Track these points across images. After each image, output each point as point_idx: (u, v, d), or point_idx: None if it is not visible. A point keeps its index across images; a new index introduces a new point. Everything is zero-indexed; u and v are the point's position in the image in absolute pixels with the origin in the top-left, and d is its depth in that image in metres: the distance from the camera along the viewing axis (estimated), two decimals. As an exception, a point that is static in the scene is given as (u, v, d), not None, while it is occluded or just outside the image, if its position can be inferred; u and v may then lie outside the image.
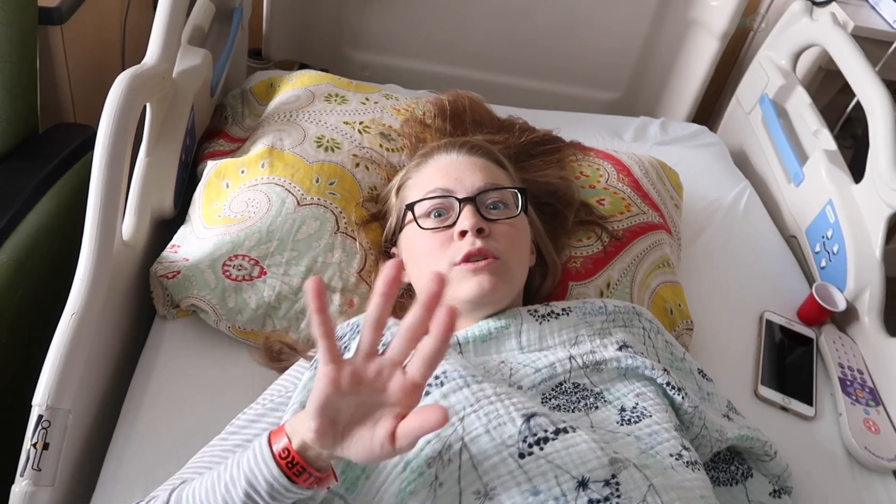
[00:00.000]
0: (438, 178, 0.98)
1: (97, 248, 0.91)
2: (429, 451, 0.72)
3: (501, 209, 0.95)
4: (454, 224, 0.92)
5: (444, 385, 0.77)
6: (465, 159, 1.00)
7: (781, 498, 0.92)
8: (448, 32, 1.90)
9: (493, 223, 0.93)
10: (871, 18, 1.74)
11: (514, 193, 0.98)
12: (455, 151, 1.02)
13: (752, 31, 2.02)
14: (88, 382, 0.91)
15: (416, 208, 0.96)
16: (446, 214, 0.95)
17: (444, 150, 1.03)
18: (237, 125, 1.37)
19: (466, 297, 0.89)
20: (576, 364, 0.84)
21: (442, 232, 0.93)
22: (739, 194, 1.55)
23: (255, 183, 1.10)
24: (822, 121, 1.53)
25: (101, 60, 1.58)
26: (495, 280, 0.89)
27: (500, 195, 0.96)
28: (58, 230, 1.13)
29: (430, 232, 0.94)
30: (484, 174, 0.97)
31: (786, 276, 1.41)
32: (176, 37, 1.10)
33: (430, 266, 0.93)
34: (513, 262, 0.93)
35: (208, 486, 0.68)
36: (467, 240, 0.90)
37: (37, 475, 0.81)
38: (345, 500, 0.75)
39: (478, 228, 0.90)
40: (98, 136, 0.91)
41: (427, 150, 1.06)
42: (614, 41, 1.93)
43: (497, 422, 0.73)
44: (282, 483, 0.64)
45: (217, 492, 0.67)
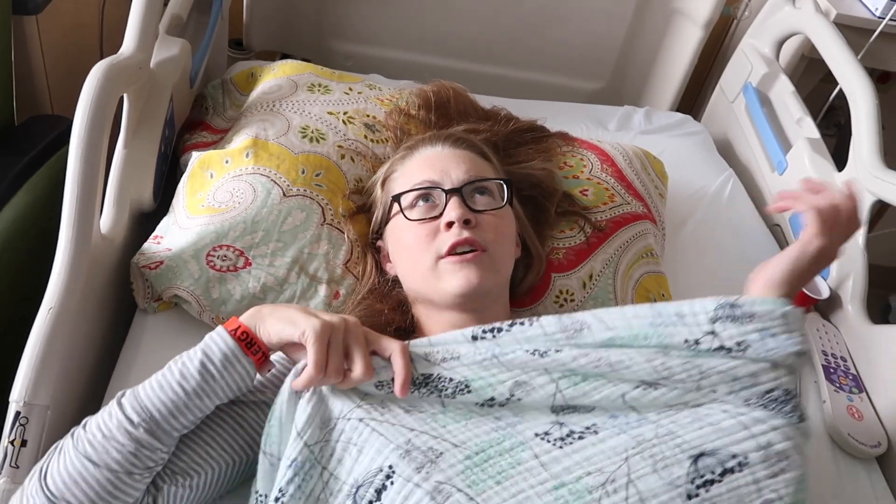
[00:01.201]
0: (424, 170, 0.97)
1: (74, 241, 0.89)
2: (590, 481, 0.68)
3: (488, 200, 0.95)
4: (440, 215, 0.92)
5: (598, 433, 0.72)
6: (451, 152, 1.00)
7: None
8: (431, 23, 1.89)
9: (480, 214, 0.93)
10: (853, 7, 1.74)
11: (500, 185, 0.98)
12: (440, 144, 1.02)
13: (735, 19, 2.02)
14: (67, 378, 0.89)
15: (403, 199, 0.96)
16: (432, 205, 0.94)
17: (429, 143, 1.03)
18: (219, 116, 1.35)
19: (453, 290, 0.88)
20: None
21: (428, 223, 0.93)
22: (724, 183, 1.56)
23: (239, 173, 1.09)
24: (805, 109, 1.54)
25: (78, 51, 1.56)
26: (482, 273, 0.88)
27: (486, 186, 0.96)
28: (34, 224, 1.12)
29: (417, 223, 0.93)
30: (470, 166, 0.97)
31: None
32: (153, 26, 1.09)
33: (417, 258, 0.92)
34: (499, 253, 0.92)
35: (160, 379, 0.75)
36: (454, 230, 0.90)
37: (14, 472, 0.80)
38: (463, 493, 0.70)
39: (464, 219, 0.90)
40: (73, 127, 0.89)
41: (412, 142, 1.06)
42: (598, 30, 1.93)
43: (663, 463, 0.69)
44: (234, 351, 0.74)
45: (171, 379, 0.74)
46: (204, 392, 0.74)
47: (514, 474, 0.68)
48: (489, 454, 0.70)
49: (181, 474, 0.77)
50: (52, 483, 0.71)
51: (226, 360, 0.75)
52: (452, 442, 0.71)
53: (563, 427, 0.72)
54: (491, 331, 0.80)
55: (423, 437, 0.72)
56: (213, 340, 0.76)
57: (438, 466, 0.69)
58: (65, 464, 0.72)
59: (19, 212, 1.09)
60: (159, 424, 0.73)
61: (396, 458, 0.70)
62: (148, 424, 0.72)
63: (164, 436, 0.73)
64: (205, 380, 0.74)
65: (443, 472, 0.68)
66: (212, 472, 0.79)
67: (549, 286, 1.08)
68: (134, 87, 1.04)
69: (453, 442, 0.71)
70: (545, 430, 0.72)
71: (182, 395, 0.74)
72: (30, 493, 0.72)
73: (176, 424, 0.74)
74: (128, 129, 1.07)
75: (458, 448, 0.70)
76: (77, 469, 0.71)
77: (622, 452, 0.69)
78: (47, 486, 0.71)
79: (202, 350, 0.75)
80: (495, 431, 0.72)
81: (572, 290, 1.08)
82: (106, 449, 0.72)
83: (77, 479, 0.71)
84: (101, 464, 0.71)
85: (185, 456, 0.78)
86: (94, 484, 0.71)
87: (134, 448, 0.72)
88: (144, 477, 0.73)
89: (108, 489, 0.71)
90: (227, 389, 0.76)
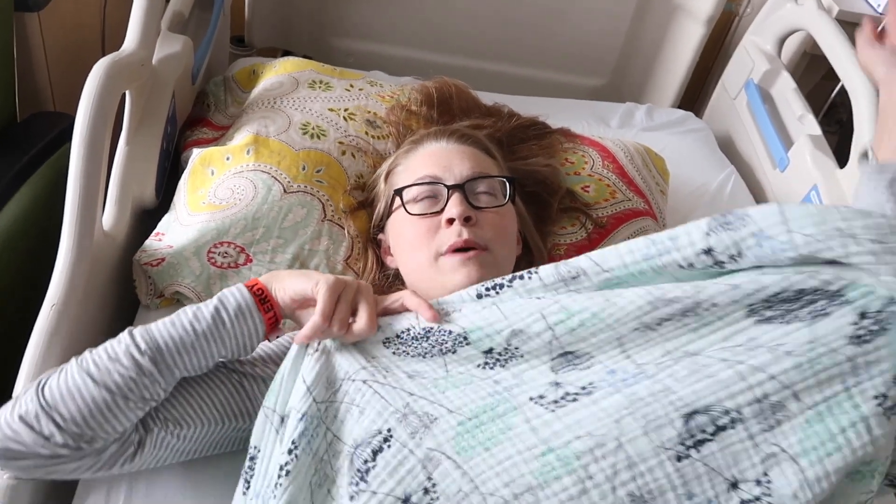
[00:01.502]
0: (428, 165, 0.98)
1: (77, 238, 0.90)
2: (579, 446, 0.67)
3: (490, 198, 0.96)
4: (442, 211, 0.92)
5: (592, 394, 0.70)
6: (455, 147, 1.00)
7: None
8: (432, 19, 1.89)
9: (481, 211, 0.93)
10: (855, 3, 1.74)
11: (503, 182, 0.98)
12: (445, 139, 1.02)
13: (737, 15, 2.02)
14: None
15: (405, 194, 0.96)
16: (434, 201, 0.94)
17: (433, 138, 1.03)
18: (220, 113, 1.35)
19: (454, 287, 0.88)
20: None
21: (430, 218, 0.93)
22: (725, 180, 1.56)
23: (240, 170, 1.09)
24: (806, 106, 1.54)
25: (80, 47, 1.56)
26: (483, 271, 0.89)
27: (488, 184, 0.97)
28: (37, 220, 1.12)
29: (418, 218, 0.94)
30: (473, 162, 0.98)
31: (771, 262, 1.41)
32: (155, 23, 1.09)
33: (417, 253, 0.93)
34: (499, 251, 0.93)
35: (173, 318, 0.77)
36: (454, 229, 0.90)
37: (18, 468, 0.80)
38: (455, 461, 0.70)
39: (465, 217, 0.90)
40: (76, 124, 0.89)
41: (417, 137, 1.06)
42: (599, 27, 1.92)
43: (655, 423, 0.67)
44: (249, 304, 0.78)
45: (184, 318, 0.77)
46: (213, 336, 0.77)
47: (503, 440, 0.68)
48: (481, 420, 0.70)
49: (173, 422, 0.79)
50: (48, 393, 0.73)
51: (239, 310, 0.78)
52: (448, 407, 0.71)
53: (559, 388, 0.71)
54: (493, 287, 0.81)
55: (420, 402, 0.72)
56: (231, 292, 0.79)
57: (431, 432, 0.69)
58: (65, 378, 0.73)
59: (21, 208, 1.09)
60: (164, 357, 0.75)
61: (395, 421, 0.71)
62: (153, 354, 0.74)
63: (166, 370, 0.75)
64: (216, 324, 0.77)
65: (434, 439, 0.69)
66: (201, 428, 0.80)
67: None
68: (136, 83, 1.04)
69: (449, 407, 0.72)
70: (540, 394, 0.71)
71: (192, 333, 0.76)
72: (24, 399, 0.73)
73: (179, 362, 0.76)
74: (130, 125, 1.07)
75: (453, 414, 0.71)
76: (76, 384, 0.73)
77: (614, 414, 0.67)
78: (43, 395, 0.73)
79: (218, 298, 0.79)
80: (491, 396, 0.72)
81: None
82: (109, 370, 0.73)
83: (74, 393, 0.72)
84: (101, 383, 0.73)
85: (181, 406, 0.80)
86: (90, 400, 0.72)
87: (136, 374, 0.73)
88: (138, 407, 0.75)
89: (101, 408, 0.72)
90: (235, 341, 0.78)
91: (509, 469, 0.66)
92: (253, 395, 0.83)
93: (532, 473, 0.65)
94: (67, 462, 0.74)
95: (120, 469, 0.78)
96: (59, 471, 0.74)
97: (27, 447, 0.71)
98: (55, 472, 0.75)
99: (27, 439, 0.71)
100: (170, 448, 0.80)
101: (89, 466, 0.75)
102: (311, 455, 0.73)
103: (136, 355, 0.74)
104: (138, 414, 0.75)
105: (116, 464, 0.77)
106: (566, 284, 0.78)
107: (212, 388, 0.82)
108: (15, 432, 0.71)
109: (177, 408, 0.79)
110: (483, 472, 0.66)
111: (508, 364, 0.75)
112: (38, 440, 0.71)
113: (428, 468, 0.68)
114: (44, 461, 0.73)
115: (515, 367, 0.75)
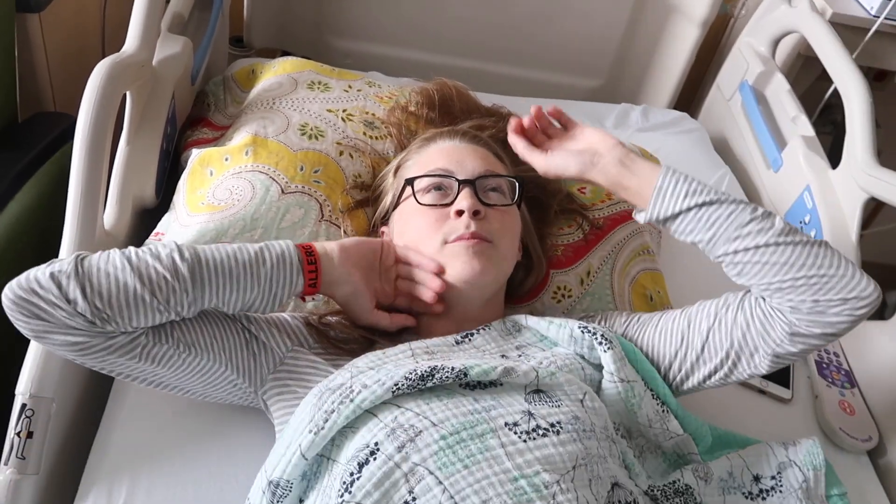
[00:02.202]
0: (440, 160, 1.00)
1: (78, 237, 0.91)
2: (546, 478, 0.72)
3: (498, 196, 0.98)
4: (452, 203, 0.94)
5: (559, 434, 0.76)
6: (467, 146, 1.03)
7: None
8: (430, 20, 1.90)
9: (490, 208, 0.95)
10: (848, 6, 1.75)
11: (512, 183, 1.00)
12: (458, 138, 1.04)
13: (732, 17, 2.03)
14: (71, 371, 0.91)
15: (416, 184, 0.98)
16: (444, 193, 0.96)
17: (446, 136, 1.05)
18: (220, 113, 1.36)
19: (458, 275, 0.91)
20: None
21: (439, 209, 0.95)
22: (720, 180, 1.57)
23: (238, 171, 1.10)
24: (800, 107, 1.55)
25: (80, 48, 1.57)
26: (487, 263, 0.91)
27: (498, 183, 0.99)
28: (38, 220, 1.13)
29: (427, 208, 0.96)
30: (485, 161, 1.00)
31: (764, 261, 1.42)
32: (155, 24, 1.10)
33: (425, 241, 0.95)
34: (504, 247, 0.95)
35: (219, 244, 0.84)
36: (463, 220, 0.92)
37: (21, 464, 0.82)
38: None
39: (475, 210, 0.92)
40: (77, 124, 0.90)
41: (429, 135, 1.08)
42: (596, 28, 1.93)
43: (596, 481, 0.76)
44: (294, 257, 0.85)
45: (229, 248, 0.83)
46: (251, 271, 0.82)
47: (481, 460, 0.71)
48: (462, 437, 0.73)
49: (184, 345, 0.82)
50: (86, 263, 0.77)
51: (281, 256, 0.84)
52: (432, 420, 0.74)
53: (531, 420, 0.75)
54: (466, 336, 0.91)
55: (407, 415, 0.74)
56: (278, 242, 0.86)
57: (416, 446, 0.71)
58: (105, 258, 0.78)
59: (23, 207, 1.10)
60: (201, 270, 0.80)
61: (383, 435, 0.73)
62: (192, 264, 0.79)
63: (198, 285, 0.79)
64: (257, 260, 0.83)
65: (419, 453, 0.71)
66: (205, 362, 0.84)
67: (548, 282, 1.09)
68: (137, 84, 1.05)
69: (432, 420, 0.74)
70: (514, 421, 0.75)
71: (232, 259, 0.82)
72: (61, 262, 0.77)
73: (213, 281, 0.80)
74: (130, 126, 1.08)
75: (436, 427, 0.73)
76: (114, 264, 0.77)
77: (573, 460, 0.73)
78: (80, 264, 0.76)
79: (266, 242, 0.86)
80: (471, 414, 0.75)
81: (570, 286, 1.10)
82: (148, 263, 0.78)
83: (109, 272, 0.76)
84: (136, 272, 0.77)
85: (195, 333, 0.83)
86: (121, 283, 0.76)
87: (171, 275, 0.78)
88: (158, 309, 0.78)
89: (128, 295, 0.76)
90: (269, 284, 0.83)
91: (486, 488, 0.69)
92: (256, 359, 0.87)
93: (507, 494, 0.69)
94: (77, 335, 0.76)
95: (117, 362, 0.80)
96: (67, 342, 0.76)
97: (48, 305, 0.74)
98: (62, 343, 0.76)
99: (51, 296, 0.74)
100: (169, 367, 0.82)
101: (93, 346, 0.77)
102: (318, 492, 0.76)
103: (176, 259, 0.79)
104: (157, 318, 0.79)
105: (118, 356, 0.79)
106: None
107: (226, 332, 0.86)
108: (43, 287, 0.74)
109: (191, 334, 0.83)
110: (462, 490, 0.69)
111: (489, 388, 0.79)
112: (60, 300, 0.74)
113: (410, 482, 0.70)
114: (57, 326, 0.75)
115: (494, 390, 0.79)
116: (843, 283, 0.80)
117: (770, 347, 0.85)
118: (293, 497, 0.78)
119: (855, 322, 0.81)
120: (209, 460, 0.90)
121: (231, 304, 0.83)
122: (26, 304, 0.74)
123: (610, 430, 0.82)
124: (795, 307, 0.81)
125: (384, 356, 0.85)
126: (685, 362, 0.90)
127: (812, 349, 0.85)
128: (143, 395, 0.95)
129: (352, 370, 0.81)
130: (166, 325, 0.82)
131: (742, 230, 0.83)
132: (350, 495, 0.70)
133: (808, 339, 0.83)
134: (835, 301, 0.80)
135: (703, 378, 0.90)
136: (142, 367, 0.81)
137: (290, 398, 0.86)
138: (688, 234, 0.87)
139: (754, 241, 0.82)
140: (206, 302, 0.81)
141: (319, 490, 0.76)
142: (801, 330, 0.82)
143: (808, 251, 0.81)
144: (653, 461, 0.90)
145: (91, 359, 0.78)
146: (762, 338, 0.85)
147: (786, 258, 0.81)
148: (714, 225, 0.84)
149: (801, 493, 0.87)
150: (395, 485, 0.70)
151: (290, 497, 0.77)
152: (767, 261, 0.82)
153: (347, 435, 0.76)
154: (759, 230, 0.82)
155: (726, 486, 0.88)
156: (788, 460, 0.90)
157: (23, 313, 0.74)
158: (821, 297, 0.80)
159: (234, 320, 0.88)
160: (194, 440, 0.91)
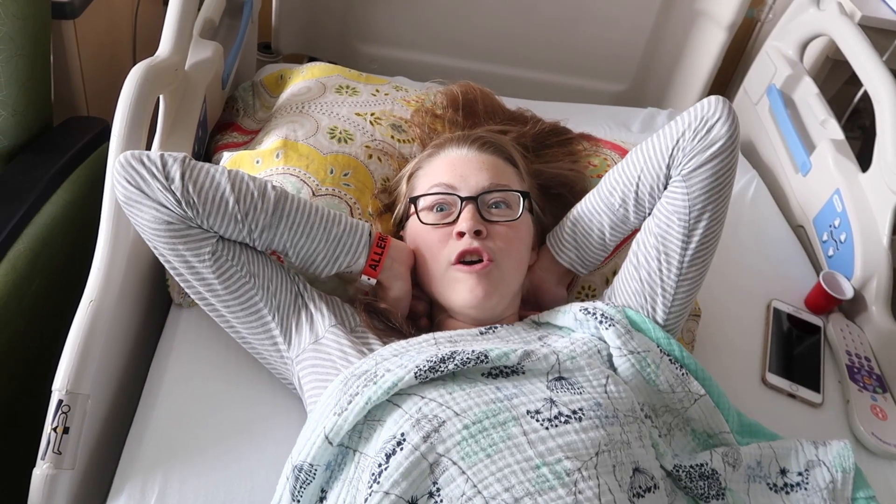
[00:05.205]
0: (444, 174, 0.99)
1: (113, 237, 0.92)
2: (568, 465, 0.72)
3: (503, 210, 0.97)
4: (454, 221, 0.94)
5: (581, 421, 0.76)
6: (475, 156, 1.02)
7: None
8: (455, 25, 1.91)
9: (493, 225, 0.94)
10: (878, 8, 1.74)
11: (518, 196, 0.99)
12: (466, 146, 1.03)
13: (759, 21, 2.02)
14: (106, 368, 0.92)
15: (419, 202, 0.98)
16: (448, 210, 0.97)
17: (455, 144, 1.04)
18: (249, 117, 1.38)
19: (462, 302, 0.91)
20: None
21: (442, 228, 0.95)
22: (747, 184, 1.56)
23: (270, 173, 1.12)
24: (829, 110, 1.54)
25: (112, 55, 1.59)
26: (489, 288, 0.91)
27: (502, 196, 0.98)
28: (73, 221, 1.15)
29: (431, 227, 0.96)
30: (490, 173, 0.99)
31: (793, 265, 1.41)
32: (188, 30, 1.12)
33: (429, 261, 0.96)
34: (507, 264, 0.94)
35: (312, 201, 0.97)
36: (464, 240, 0.92)
37: (58, 458, 0.83)
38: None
39: (475, 230, 0.92)
40: (114, 127, 0.92)
41: (440, 141, 1.08)
42: (621, 33, 1.94)
43: (619, 467, 0.76)
44: (364, 230, 0.94)
45: (312, 204, 0.93)
46: (325, 225, 0.92)
47: (503, 448, 0.72)
48: (485, 425, 0.73)
49: (246, 268, 0.90)
50: (192, 161, 0.87)
51: (355, 228, 0.93)
52: (455, 410, 0.75)
53: (553, 407, 0.76)
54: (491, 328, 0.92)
55: (431, 405, 0.75)
56: (358, 221, 0.95)
57: (440, 436, 0.72)
58: (208, 166, 0.88)
59: (59, 209, 1.12)
60: (285, 204, 0.90)
61: (408, 426, 0.74)
62: (279, 196, 0.90)
63: (277, 216, 0.89)
64: (333, 219, 0.93)
65: (443, 444, 0.72)
66: (254, 294, 0.91)
67: (573, 282, 1.09)
68: (170, 88, 1.07)
69: (455, 410, 0.75)
70: (536, 409, 0.76)
71: (312, 209, 0.92)
72: (172, 153, 0.87)
73: (290, 218, 0.90)
74: (163, 129, 1.10)
75: (459, 417, 0.74)
76: (216, 168, 0.88)
77: (595, 447, 0.74)
78: (187, 159, 0.87)
79: (345, 214, 0.96)
80: (494, 403, 0.76)
81: (595, 285, 1.10)
82: (244, 179, 0.89)
83: (210, 171, 0.87)
84: (231, 179, 0.88)
85: (257, 266, 0.92)
86: (216, 181, 0.87)
87: (258, 194, 0.88)
88: (237, 217, 0.87)
89: (216, 191, 0.86)
90: (334, 244, 0.92)
91: (508, 476, 0.70)
92: (298, 323, 0.92)
93: (530, 482, 0.69)
94: (163, 212, 0.85)
95: (184, 255, 0.88)
96: (152, 216, 0.85)
97: (149, 174, 0.84)
98: (147, 218, 0.86)
99: (154, 169, 0.84)
100: (223, 283, 0.89)
101: (171, 229, 0.86)
102: (342, 483, 0.77)
103: (268, 187, 0.90)
104: (231, 227, 0.88)
105: (187, 247, 0.87)
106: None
107: (284, 283, 0.93)
108: (150, 159, 0.85)
109: (255, 265, 0.91)
110: (486, 478, 0.70)
111: (511, 376, 0.80)
112: (160, 174, 0.84)
113: (435, 472, 0.71)
114: (149, 199, 0.85)
115: (516, 378, 0.80)
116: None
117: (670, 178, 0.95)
118: (315, 486, 0.78)
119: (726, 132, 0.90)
120: (240, 458, 0.90)
121: (297, 249, 0.91)
122: (132, 170, 0.84)
123: (637, 411, 0.82)
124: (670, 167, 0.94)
125: (407, 344, 0.86)
126: (654, 284, 0.94)
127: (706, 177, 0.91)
128: (175, 392, 0.96)
129: (376, 358, 0.83)
130: (236, 245, 0.90)
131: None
132: (378, 485, 0.71)
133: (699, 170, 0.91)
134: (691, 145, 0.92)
135: (676, 275, 0.93)
136: (200, 272, 0.88)
137: (322, 373, 0.88)
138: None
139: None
140: (277, 234, 0.89)
141: (345, 481, 0.76)
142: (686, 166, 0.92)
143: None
144: (681, 439, 0.89)
145: (164, 241, 0.87)
146: (660, 185, 0.96)
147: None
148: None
149: (826, 493, 0.86)
150: (421, 474, 0.71)
151: (312, 485, 0.78)
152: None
153: (375, 428, 0.76)
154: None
155: (753, 474, 0.88)
156: (818, 459, 0.89)
157: (126, 178, 0.84)
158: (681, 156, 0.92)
159: (293, 281, 0.94)
160: (226, 438, 0.92)
